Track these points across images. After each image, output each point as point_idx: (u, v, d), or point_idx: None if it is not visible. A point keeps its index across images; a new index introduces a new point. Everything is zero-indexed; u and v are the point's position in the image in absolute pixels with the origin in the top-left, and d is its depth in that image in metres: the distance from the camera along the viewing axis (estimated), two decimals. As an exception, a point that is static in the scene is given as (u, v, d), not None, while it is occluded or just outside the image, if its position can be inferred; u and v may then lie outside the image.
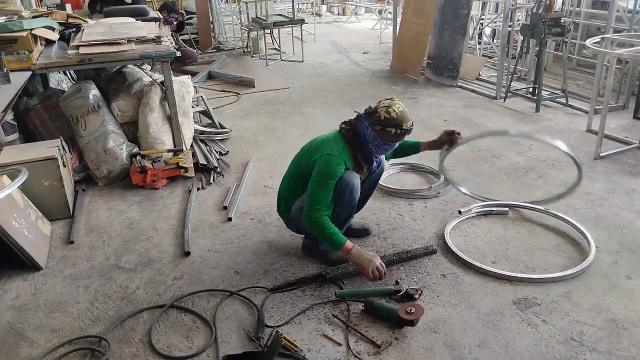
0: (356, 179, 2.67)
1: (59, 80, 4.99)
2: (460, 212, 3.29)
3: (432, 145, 2.98)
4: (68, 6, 6.63)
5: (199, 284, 2.76)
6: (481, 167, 4.08)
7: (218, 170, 4.09)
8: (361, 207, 3.13)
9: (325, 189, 2.59)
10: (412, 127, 2.66)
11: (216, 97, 6.17)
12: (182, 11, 7.80)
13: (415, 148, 3.02)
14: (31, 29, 3.77)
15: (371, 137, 2.65)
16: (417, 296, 2.55)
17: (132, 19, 5.22)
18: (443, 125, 5.03)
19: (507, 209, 3.36)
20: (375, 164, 2.88)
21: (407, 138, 2.75)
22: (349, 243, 2.59)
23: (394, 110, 2.59)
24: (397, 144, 2.77)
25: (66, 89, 4.42)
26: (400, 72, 7.03)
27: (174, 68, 7.00)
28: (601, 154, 4.14)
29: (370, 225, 3.20)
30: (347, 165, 2.65)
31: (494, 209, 3.37)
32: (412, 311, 2.35)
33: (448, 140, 2.93)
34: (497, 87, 5.87)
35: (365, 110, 2.69)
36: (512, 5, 5.88)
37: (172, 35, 7.76)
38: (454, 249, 2.94)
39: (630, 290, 2.62)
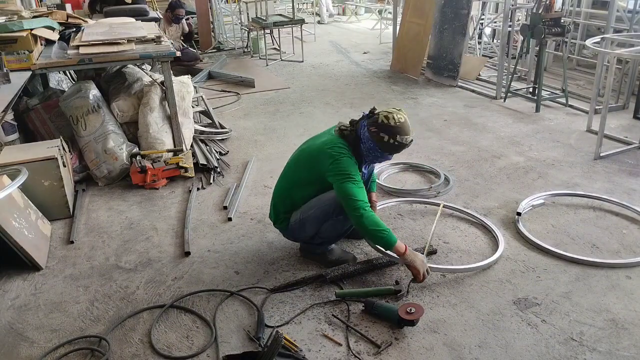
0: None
1: (59, 80, 4.99)
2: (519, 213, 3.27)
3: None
4: (68, 6, 6.64)
5: (199, 284, 2.76)
6: (481, 167, 4.08)
7: (218, 170, 4.09)
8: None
9: (354, 185, 2.52)
10: (408, 142, 2.57)
11: (216, 97, 6.17)
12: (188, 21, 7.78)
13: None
14: (31, 29, 3.77)
15: (365, 137, 2.61)
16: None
17: (132, 19, 5.22)
18: (443, 125, 5.03)
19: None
20: (365, 170, 2.82)
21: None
22: (400, 243, 2.55)
23: (394, 118, 2.54)
24: (389, 156, 2.68)
25: (66, 89, 4.42)
26: (400, 72, 7.03)
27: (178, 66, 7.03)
28: (601, 154, 4.14)
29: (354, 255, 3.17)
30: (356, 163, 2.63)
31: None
32: (412, 311, 2.35)
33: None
34: (497, 87, 5.87)
35: (370, 110, 2.66)
36: (512, 5, 5.88)
37: (180, 38, 7.77)
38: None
39: (630, 290, 2.62)
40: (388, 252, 2.63)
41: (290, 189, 2.81)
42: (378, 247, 2.75)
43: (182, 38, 7.90)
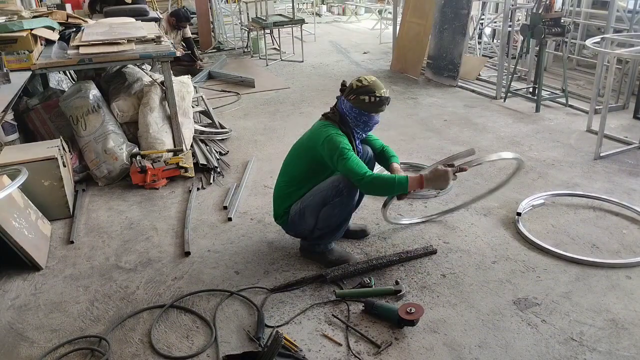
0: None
1: (59, 80, 4.99)
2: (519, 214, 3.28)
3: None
4: (68, 6, 6.64)
5: (199, 284, 2.76)
6: (481, 167, 4.08)
7: (218, 170, 4.09)
8: (358, 205, 3.11)
9: (350, 157, 2.55)
10: (386, 95, 2.64)
11: (216, 97, 6.17)
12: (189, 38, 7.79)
13: (387, 163, 2.93)
14: (31, 29, 3.77)
15: (347, 108, 2.67)
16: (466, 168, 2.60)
17: (132, 19, 5.22)
18: (443, 125, 5.03)
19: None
20: (359, 146, 2.83)
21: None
22: (413, 176, 2.56)
23: (365, 79, 2.63)
24: (376, 118, 2.71)
25: (66, 89, 4.42)
26: (400, 72, 7.03)
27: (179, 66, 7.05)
28: (601, 154, 4.14)
29: (367, 227, 3.20)
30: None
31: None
32: (412, 311, 2.35)
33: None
34: (497, 87, 5.87)
35: (341, 84, 2.74)
36: (512, 5, 5.88)
37: (181, 43, 7.77)
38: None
39: (630, 290, 2.62)
40: (418, 192, 2.68)
41: (290, 184, 2.82)
42: (400, 196, 2.69)
43: (183, 44, 7.91)
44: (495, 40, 7.69)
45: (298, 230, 2.88)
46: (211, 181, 3.95)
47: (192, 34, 8.80)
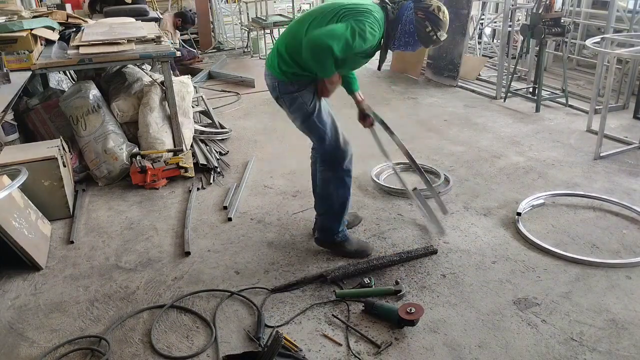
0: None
1: (59, 80, 4.99)
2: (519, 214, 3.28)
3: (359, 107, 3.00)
4: (68, 6, 6.64)
5: (199, 284, 2.76)
6: (481, 167, 4.08)
7: (218, 170, 4.09)
8: None
9: (345, 37, 2.33)
10: (442, 40, 2.56)
11: (216, 97, 6.17)
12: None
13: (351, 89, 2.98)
14: (31, 29, 3.77)
15: (408, 19, 2.49)
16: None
17: (132, 19, 5.22)
18: (443, 125, 5.03)
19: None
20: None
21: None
22: (337, 74, 2.50)
23: (444, 13, 2.50)
24: (418, 47, 2.61)
25: (66, 89, 4.42)
26: (400, 72, 7.03)
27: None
28: (601, 154, 4.14)
29: (357, 214, 3.28)
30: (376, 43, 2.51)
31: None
32: (412, 311, 2.35)
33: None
34: (497, 87, 5.87)
35: None
36: (512, 5, 5.88)
37: (179, 38, 7.81)
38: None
39: (630, 290, 2.62)
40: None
41: (294, 51, 2.54)
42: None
43: (183, 43, 7.96)
44: (495, 40, 7.69)
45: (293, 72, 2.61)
46: (211, 181, 3.95)
47: (192, 34, 8.84)
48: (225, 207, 3.54)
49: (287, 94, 2.63)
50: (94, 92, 4.02)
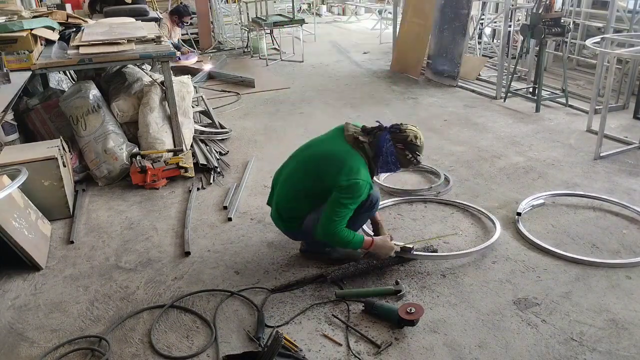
0: (378, 193, 2.84)
1: (59, 80, 4.99)
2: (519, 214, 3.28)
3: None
4: (68, 6, 6.65)
5: (199, 284, 2.76)
6: (481, 167, 4.08)
7: (218, 170, 4.08)
8: None
9: (348, 211, 2.58)
10: (421, 161, 2.77)
11: (216, 97, 6.17)
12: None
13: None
14: (31, 29, 3.77)
15: (389, 152, 2.65)
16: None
17: (132, 19, 5.22)
18: (443, 125, 5.03)
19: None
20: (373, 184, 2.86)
21: None
22: (367, 239, 2.68)
23: (420, 139, 2.67)
24: (396, 172, 2.86)
25: (66, 89, 4.43)
26: (400, 72, 7.03)
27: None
28: (601, 154, 4.14)
29: None
30: (371, 187, 2.65)
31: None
32: (412, 311, 2.35)
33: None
34: (497, 87, 5.87)
35: (392, 125, 2.69)
36: (512, 5, 5.88)
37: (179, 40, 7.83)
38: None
39: (630, 290, 2.62)
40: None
41: (296, 197, 2.76)
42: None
43: (183, 43, 7.97)
44: (495, 40, 7.69)
45: (307, 239, 2.87)
46: (211, 181, 3.95)
47: (192, 34, 8.85)
48: (225, 207, 3.54)
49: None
50: (94, 92, 4.02)
